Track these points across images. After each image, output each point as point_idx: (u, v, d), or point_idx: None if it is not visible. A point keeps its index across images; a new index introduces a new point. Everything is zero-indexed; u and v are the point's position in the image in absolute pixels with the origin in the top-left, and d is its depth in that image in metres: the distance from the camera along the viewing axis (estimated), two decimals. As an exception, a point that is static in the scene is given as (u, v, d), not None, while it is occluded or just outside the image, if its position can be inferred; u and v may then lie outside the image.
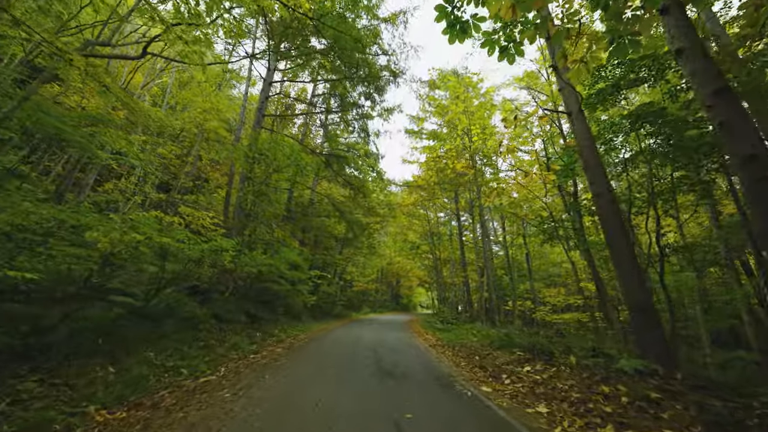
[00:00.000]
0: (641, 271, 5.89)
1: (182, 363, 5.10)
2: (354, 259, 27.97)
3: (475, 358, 7.26)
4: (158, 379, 4.38)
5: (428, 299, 54.87)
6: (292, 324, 12.00)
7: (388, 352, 8.38)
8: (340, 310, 22.92)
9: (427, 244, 27.28)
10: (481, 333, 9.70)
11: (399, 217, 23.84)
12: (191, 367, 5.10)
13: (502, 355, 7.04)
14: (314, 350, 8.19)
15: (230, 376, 5.16)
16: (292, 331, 11.09)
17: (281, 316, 11.34)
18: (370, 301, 35.05)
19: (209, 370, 5.29)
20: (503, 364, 6.31)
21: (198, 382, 4.70)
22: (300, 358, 7.14)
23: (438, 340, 11.05)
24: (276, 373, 5.57)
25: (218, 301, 8.19)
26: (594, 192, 6.60)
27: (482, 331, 10.51)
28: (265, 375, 5.39)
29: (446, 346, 9.48)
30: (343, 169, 16.82)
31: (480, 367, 6.43)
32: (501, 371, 5.95)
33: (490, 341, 8.12)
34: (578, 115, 7.21)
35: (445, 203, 24.40)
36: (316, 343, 9.35)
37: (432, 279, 31.51)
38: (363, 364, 6.65)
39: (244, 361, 6.38)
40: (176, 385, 4.42)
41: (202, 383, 4.66)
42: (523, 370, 5.80)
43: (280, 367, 6.11)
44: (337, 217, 19.73)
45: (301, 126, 23.02)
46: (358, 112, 17.92)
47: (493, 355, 7.12)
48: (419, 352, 8.76)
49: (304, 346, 8.85)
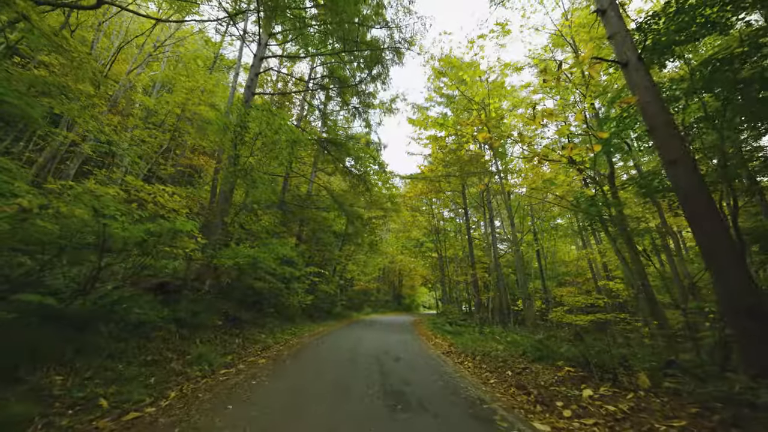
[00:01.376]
0: (746, 264, 4.31)
1: (106, 390, 3.51)
2: (355, 258, 26.39)
3: (507, 373, 5.66)
4: (47, 423, 2.80)
5: (431, 299, 53.25)
6: (284, 327, 10.41)
7: (395, 363, 6.80)
8: (340, 311, 21.32)
9: (431, 242, 25.70)
10: (505, 338, 8.10)
11: (402, 212, 22.26)
12: (120, 395, 3.52)
13: (542, 369, 5.44)
14: (305, 361, 6.61)
15: (176, 408, 3.58)
16: (283, 335, 9.51)
17: (271, 318, 9.76)
18: (372, 301, 33.42)
19: (149, 398, 3.70)
20: (551, 385, 4.71)
21: (120, 421, 3.12)
22: (285, 373, 5.56)
23: (451, 346, 9.45)
24: (247, 400, 3.99)
25: (190, 301, 6.62)
26: (667, 159, 5.00)
27: (504, 335, 8.90)
28: (230, 405, 3.81)
29: (464, 354, 7.88)
30: (342, 157, 15.24)
31: (518, 388, 4.83)
32: (551, 395, 4.35)
33: (521, 350, 6.52)
34: (637, 65, 5.62)
35: (450, 197, 22.80)
36: (309, 351, 7.77)
37: (436, 277, 29.90)
38: (365, 383, 5.07)
39: (210, 379, 4.80)
40: (76, 429, 2.84)
41: (125, 423, 3.08)
42: (583, 394, 4.21)
43: (255, 388, 4.53)
44: (336, 211, 18.16)
45: (297, 117, 21.49)
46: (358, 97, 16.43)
47: (530, 370, 5.52)
48: (433, 362, 7.17)
49: (295, 354, 7.27)
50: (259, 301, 9.19)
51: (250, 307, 8.70)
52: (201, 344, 5.68)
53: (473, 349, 8.12)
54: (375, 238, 23.64)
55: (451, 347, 9.29)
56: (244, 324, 7.75)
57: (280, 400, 4.11)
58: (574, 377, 4.86)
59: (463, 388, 5.10)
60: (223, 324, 7.02)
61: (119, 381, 3.77)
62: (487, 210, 19.00)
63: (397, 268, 37.62)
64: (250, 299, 8.67)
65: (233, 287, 8.63)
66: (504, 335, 8.63)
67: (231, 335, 7.00)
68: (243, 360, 6.22)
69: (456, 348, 9.02)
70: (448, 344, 9.91)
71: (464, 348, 8.70)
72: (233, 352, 6.33)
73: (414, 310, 43.91)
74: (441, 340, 11.22)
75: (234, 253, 6.99)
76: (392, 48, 13.39)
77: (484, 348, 7.76)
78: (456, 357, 7.81)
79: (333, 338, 10.55)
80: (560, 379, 4.84)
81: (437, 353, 8.50)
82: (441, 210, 26.59)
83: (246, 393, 4.30)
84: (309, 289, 13.75)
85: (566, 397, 4.25)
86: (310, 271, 11.96)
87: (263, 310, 9.31)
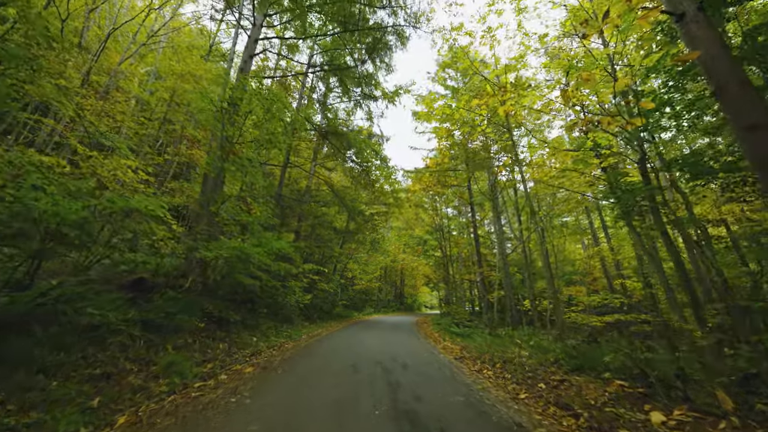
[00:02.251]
0: None
1: (18, 420, 2.56)
2: (356, 256, 25.42)
3: (540, 386, 4.69)
4: None
5: (433, 299, 52.24)
6: (279, 329, 9.45)
7: (403, 371, 5.83)
8: (341, 311, 20.37)
9: (435, 239, 24.73)
10: (527, 342, 7.10)
11: (405, 208, 21.27)
12: (37, 427, 2.56)
13: (585, 383, 4.46)
14: (300, 370, 5.65)
15: (117, 444, 2.63)
16: (277, 338, 8.55)
17: (265, 319, 8.80)
18: (373, 301, 32.44)
19: (85, 428, 2.75)
20: (603, 404, 3.73)
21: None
22: (274, 386, 4.59)
23: (463, 350, 8.47)
24: (219, 428, 3.03)
25: (168, 300, 5.66)
26: (743, 125, 4.02)
27: (526, 338, 7.89)
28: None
29: (479, 361, 6.90)
30: (343, 148, 14.29)
31: (561, 407, 3.86)
32: (608, 420, 3.38)
33: (552, 357, 5.54)
34: (696, 15, 4.65)
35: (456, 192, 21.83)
36: (306, 357, 6.81)
37: (439, 277, 28.90)
38: (371, 400, 4.11)
39: (179, 396, 3.85)
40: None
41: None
42: (653, 419, 3.23)
43: (233, 409, 3.57)
44: (337, 206, 17.21)
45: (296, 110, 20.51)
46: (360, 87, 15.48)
47: (570, 383, 4.54)
48: (446, 370, 6.19)
49: (289, 361, 6.30)
50: (251, 300, 8.24)
51: (241, 306, 7.74)
52: (173, 351, 4.71)
53: (490, 354, 7.14)
54: (377, 236, 22.70)
55: (464, 351, 8.31)
56: (232, 326, 6.80)
57: (263, 425, 3.15)
58: (630, 394, 3.89)
59: (490, 405, 4.13)
60: (207, 326, 6.06)
61: (45, 404, 2.82)
62: (493, 207, 18.02)
63: (399, 267, 36.62)
64: (241, 298, 7.72)
65: (222, 284, 7.67)
66: (526, 338, 7.63)
67: (215, 339, 6.04)
68: (226, 369, 5.26)
69: (469, 352, 8.04)
70: (459, 348, 8.92)
71: (479, 352, 7.72)
72: (215, 360, 5.37)
73: (416, 310, 42.93)
74: (450, 343, 10.24)
75: (218, 245, 6.04)
76: (395, 30, 12.46)
77: (504, 353, 6.78)
78: (471, 363, 6.83)
79: (333, 341, 9.59)
80: (613, 397, 3.87)
81: (449, 359, 7.52)
82: (445, 208, 25.62)
83: (220, 416, 3.34)
84: (307, 287, 12.80)
85: (630, 422, 3.27)
86: (308, 269, 11.01)
87: (256, 310, 8.35)
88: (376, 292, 33.49)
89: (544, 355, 5.79)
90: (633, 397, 3.82)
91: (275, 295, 10.14)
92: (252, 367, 5.57)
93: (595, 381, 4.45)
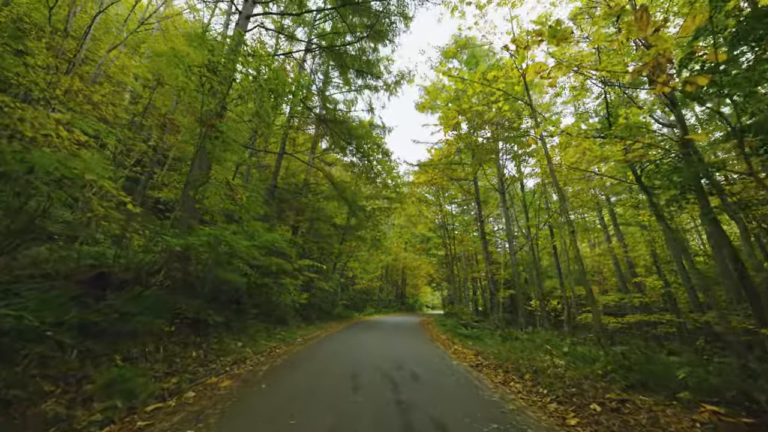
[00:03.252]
0: None
1: None
2: (357, 254, 24.37)
3: (593, 407, 3.62)
4: None
5: (435, 299, 51.16)
6: (271, 331, 8.39)
7: (414, 384, 4.77)
8: (341, 311, 19.31)
9: (438, 237, 23.69)
10: (559, 348, 5.98)
11: (407, 204, 20.24)
12: None
13: (655, 405, 3.40)
14: (288, 383, 4.59)
15: None
16: (268, 342, 7.48)
17: (255, 320, 7.75)
18: (374, 301, 31.37)
19: None
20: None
21: None
22: (250, 410, 3.54)
23: (478, 356, 7.40)
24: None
25: (129, 299, 4.61)
26: None
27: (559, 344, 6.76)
28: None
29: (502, 370, 5.83)
30: (343, 136, 13.24)
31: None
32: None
33: (599, 369, 4.44)
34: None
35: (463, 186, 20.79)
36: (298, 366, 5.75)
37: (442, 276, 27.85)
38: (374, 429, 3.06)
39: (117, 426, 2.80)
40: None
41: None
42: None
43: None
44: (337, 200, 16.17)
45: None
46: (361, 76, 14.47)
47: (635, 405, 3.48)
48: (465, 383, 5.13)
49: (276, 371, 5.25)
50: (238, 299, 7.19)
51: (225, 307, 6.69)
52: (123, 363, 3.66)
53: (513, 361, 6.06)
54: (378, 234, 21.65)
55: (479, 357, 7.24)
56: (213, 329, 5.75)
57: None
58: (734, 427, 2.82)
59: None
60: (179, 330, 5.01)
61: None
62: (501, 200, 16.96)
63: (400, 267, 35.55)
64: (226, 297, 6.67)
65: (205, 282, 6.62)
66: (558, 344, 6.49)
67: (187, 345, 4.99)
68: (197, 383, 4.20)
69: (486, 359, 6.97)
70: (473, 353, 7.85)
71: (498, 359, 6.65)
72: (183, 372, 4.31)
73: (418, 310, 41.85)
74: (461, 347, 9.17)
75: (194, 234, 5.00)
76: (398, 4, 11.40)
77: (530, 361, 5.71)
78: (492, 373, 5.77)
79: (331, 344, 8.53)
80: (709, 430, 2.80)
81: (464, 366, 6.45)
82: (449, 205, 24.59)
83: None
84: (305, 286, 11.75)
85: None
86: (304, 265, 9.96)
87: (243, 310, 7.30)
88: (377, 291, 32.43)
89: (589, 365, 4.71)
90: (739, 430, 2.76)
91: (269, 294, 9.09)
92: (230, 379, 4.51)
93: (670, 403, 3.39)
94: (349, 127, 13.25)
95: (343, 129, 13.00)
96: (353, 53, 12.97)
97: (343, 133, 13.35)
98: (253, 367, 5.43)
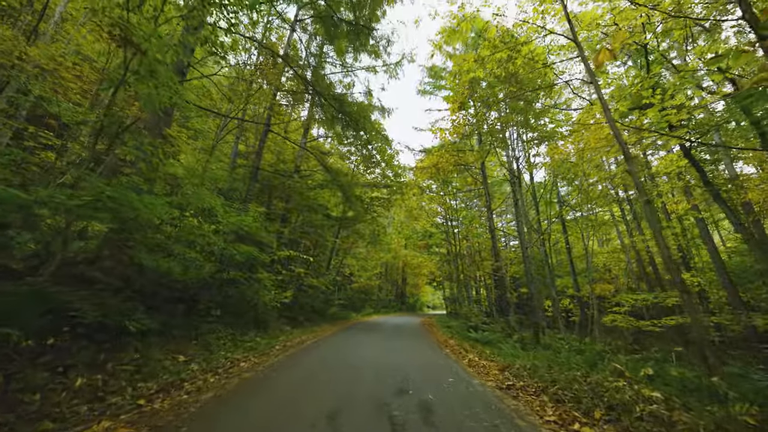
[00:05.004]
0: None
1: None
2: (354, 251, 22.57)
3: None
4: None
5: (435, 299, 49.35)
6: (239, 338, 6.56)
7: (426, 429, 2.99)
8: (337, 311, 17.48)
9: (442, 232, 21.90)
10: (633, 371, 4.13)
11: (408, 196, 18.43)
12: None
13: None
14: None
15: None
16: (230, 353, 5.67)
17: (214, 324, 5.93)
18: (373, 300, 29.50)
19: None
20: None
21: None
22: None
23: (505, 371, 5.59)
24: None
25: None
26: None
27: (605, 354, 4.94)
28: None
29: (549, 398, 4.03)
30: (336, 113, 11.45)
31: None
32: None
33: (743, 409, 2.68)
34: None
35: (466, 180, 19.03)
36: (252, 398, 3.96)
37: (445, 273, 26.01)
38: None
39: None
40: None
41: None
42: None
43: None
44: (332, 189, 14.37)
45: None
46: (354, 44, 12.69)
47: None
48: (502, 424, 3.34)
49: (219, 403, 3.46)
50: (192, 297, 5.38)
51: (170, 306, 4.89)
52: None
53: (562, 384, 4.24)
54: (377, 228, 19.85)
55: (507, 374, 5.43)
56: (135, 338, 3.94)
57: None
58: None
59: None
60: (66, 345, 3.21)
61: None
62: (512, 189, 15.17)
63: (400, 265, 33.73)
64: (169, 293, 4.84)
65: (142, 276, 4.81)
66: (617, 359, 4.60)
67: (71, 369, 3.19)
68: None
69: (518, 376, 5.15)
70: (495, 366, 6.03)
71: (536, 378, 4.84)
72: (38, 419, 2.51)
73: (418, 311, 40.02)
74: (476, 356, 7.36)
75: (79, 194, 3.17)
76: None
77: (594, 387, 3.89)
78: (536, 403, 3.96)
79: (317, 356, 6.72)
80: None
81: (491, 389, 4.65)
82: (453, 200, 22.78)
83: None
84: (290, 281, 9.93)
85: None
86: (284, 256, 8.13)
87: (199, 311, 5.49)
88: (376, 291, 30.59)
89: (713, 403, 2.87)
90: None
91: (242, 291, 7.27)
92: (124, 428, 2.70)
93: None
94: (343, 102, 11.46)
95: (342, 105, 11.22)
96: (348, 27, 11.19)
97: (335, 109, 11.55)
98: (188, 396, 3.62)
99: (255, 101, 10.52)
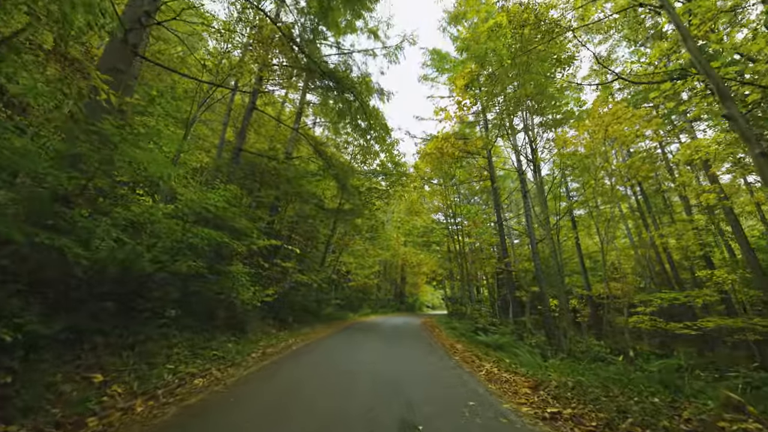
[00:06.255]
0: None
1: None
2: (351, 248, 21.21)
3: None
4: None
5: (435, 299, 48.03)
6: (200, 345, 5.23)
7: None
8: (333, 312, 16.14)
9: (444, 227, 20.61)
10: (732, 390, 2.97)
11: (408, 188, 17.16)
12: None
13: None
14: None
15: None
16: (186, 365, 4.35)
17: (166, 329, 4.62)
18: (372, 300, 28.13)
19: None
20: None
21: None
22: None
23: (538, 388, 4.30)
24: None
25: None
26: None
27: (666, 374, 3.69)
28: None
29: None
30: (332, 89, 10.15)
31: None
32: None
33: None
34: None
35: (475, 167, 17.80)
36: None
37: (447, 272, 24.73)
38: None
39: None
40: None
41: None
42: None
43: None
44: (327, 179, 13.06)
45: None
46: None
47: None
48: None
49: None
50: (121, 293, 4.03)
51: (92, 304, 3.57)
52: None
53: (636, 417, 2.96)
54: (375, 222, 18.54)
55: (541, 391, 4.13)
56: (5, 354, 2.64)
57: None
58: None
59: None
60: None
61: None
62: (520, 179, 13.91)
63: (399, 263, 32.41)
64: (84, 287, 3.50)
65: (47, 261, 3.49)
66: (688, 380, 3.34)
67: None
68: None
69: (557, 395, 3.86)
70: (525, 382, 4.73)
71: (585, 399, 3.55)
72: None
73: (418, 310, 38.68)
74: (494, 366, 6.05)
75: None
76: None
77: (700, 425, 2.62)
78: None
79: (302, 366, 5.40)
80: None
81: (528, 417, 3.35)
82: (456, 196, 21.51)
83: None
84: (275, 278, 8.61)
85: None
86: (264, 245, 6.81)
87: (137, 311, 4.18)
88: (375, 290, 29.25)
89: None
90: None
91: (209, 288, 5.95)
92: None
93: None
94: (338, 77, 10.15)
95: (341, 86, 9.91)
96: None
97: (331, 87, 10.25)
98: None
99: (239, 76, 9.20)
